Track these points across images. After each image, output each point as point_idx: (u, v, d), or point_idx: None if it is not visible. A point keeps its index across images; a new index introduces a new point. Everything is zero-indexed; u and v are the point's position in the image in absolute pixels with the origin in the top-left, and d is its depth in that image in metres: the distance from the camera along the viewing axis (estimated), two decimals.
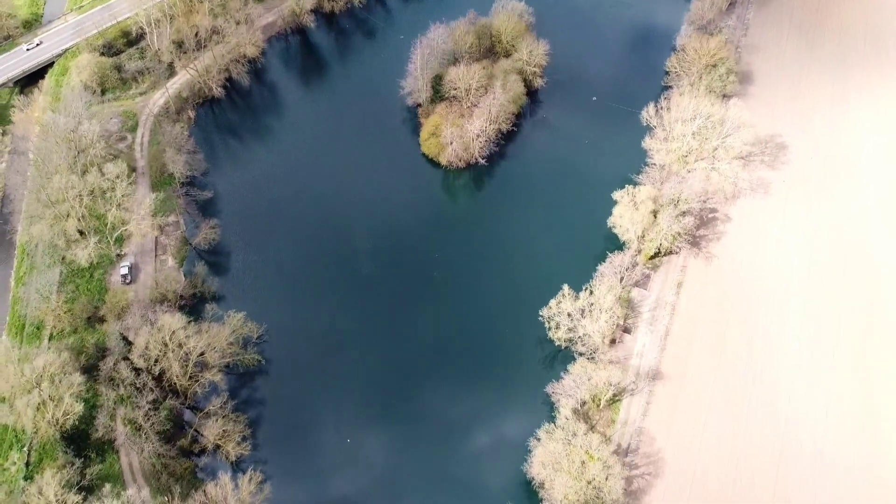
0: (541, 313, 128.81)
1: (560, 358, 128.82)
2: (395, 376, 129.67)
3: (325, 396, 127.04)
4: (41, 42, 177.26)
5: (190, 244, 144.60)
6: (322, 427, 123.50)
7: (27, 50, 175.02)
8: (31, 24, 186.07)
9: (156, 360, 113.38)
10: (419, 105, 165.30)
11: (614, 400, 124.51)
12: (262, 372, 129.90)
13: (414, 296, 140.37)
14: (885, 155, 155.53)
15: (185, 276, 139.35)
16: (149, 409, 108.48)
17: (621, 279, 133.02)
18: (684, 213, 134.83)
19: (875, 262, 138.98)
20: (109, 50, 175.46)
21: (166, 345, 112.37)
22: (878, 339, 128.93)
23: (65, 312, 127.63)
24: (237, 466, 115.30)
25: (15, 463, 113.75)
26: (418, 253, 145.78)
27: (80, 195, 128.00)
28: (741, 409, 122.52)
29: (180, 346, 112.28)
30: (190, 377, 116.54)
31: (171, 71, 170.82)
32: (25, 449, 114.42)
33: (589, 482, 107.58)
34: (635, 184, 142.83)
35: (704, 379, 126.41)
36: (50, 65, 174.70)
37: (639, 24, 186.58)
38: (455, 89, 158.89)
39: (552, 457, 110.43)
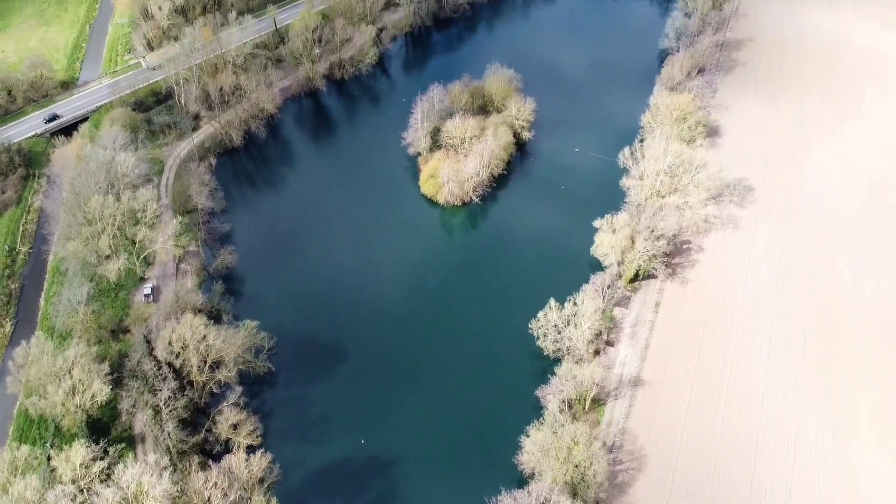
0: (530, 325, 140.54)
1: (550, 369, 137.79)
2: (396, 385, 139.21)
3: (334, 402, 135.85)
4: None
5: (208, 270, 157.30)
6: (332, 428, 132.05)
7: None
8: (68, 85, 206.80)
9: (177, 355, 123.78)
10: (419, 154, 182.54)
11: (599, 404, 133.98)
12: (272, 382, 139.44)
13: (414, 316, 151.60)
14: (841, 197, 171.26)
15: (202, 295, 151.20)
16: (169, 396, 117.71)
17: (603, 297, 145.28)
18: (659, 237, 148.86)
19: (836, 280, 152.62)
20: (140, 107, 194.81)
21: (185, 341, 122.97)
22: (840, 346, 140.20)
23: (92, 323, 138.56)
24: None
25: (37, 457, 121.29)
26: (418, 279, 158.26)
27: (114, 215, 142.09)
28: (717, 411, 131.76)
29: (201, 340, 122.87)
30: (207, 371, 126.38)
31: (195, 124, 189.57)
32: (48, 444, 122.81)
33: (576, 466, 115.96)
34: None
35: (682, 385, 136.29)
36: (84, 119, 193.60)
37: (616, 87, 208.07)
38: (451, 138, 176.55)
39: (541, 445, 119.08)
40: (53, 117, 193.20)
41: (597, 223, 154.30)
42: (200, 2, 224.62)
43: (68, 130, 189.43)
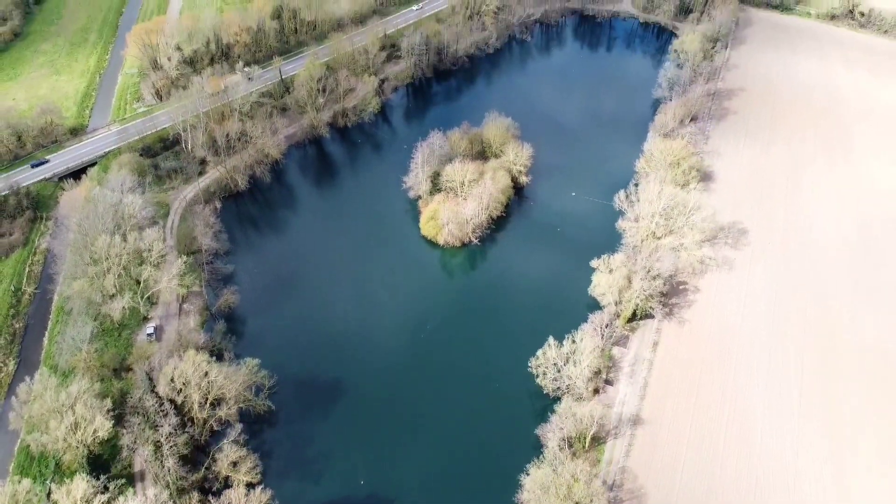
0: (530, 364, 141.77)
1: (550, 407, 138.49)
2: (395, 424, 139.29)
3: (333, 441, 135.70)
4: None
5: (210, 311, 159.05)
6: (331, 466, 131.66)
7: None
8: (77, 132, 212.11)
9: (179, 391, 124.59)
10: (419, 197, 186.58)
11: (599, 442, 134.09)
12: (272, 420, 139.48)
13: (414, 355, 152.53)
14: (834, 237, 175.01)
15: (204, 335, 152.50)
16: (170, 431, 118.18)
17: (602, 336, 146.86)
18: (655, 277, 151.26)
19: (831, 318, 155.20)
20: (147, 152, 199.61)
21: (187, 377, 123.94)
22: (838, 382, 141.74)
23: (94, 361, 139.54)
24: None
25: (37, 494, 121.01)
26: (418, 318, 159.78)
27: (120, 254, 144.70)
28: (716, 449, 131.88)
29: (203, 376, 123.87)
30: (208, 408, 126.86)
31: (202, 168, 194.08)
32: (48, 481, 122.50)
33: (577, 503, 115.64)
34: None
35: (681, 423, 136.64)
36: (93, 164, 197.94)
37: (611, 135, 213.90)
38: (451, 182, 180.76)
39: (541, 482, 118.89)
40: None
41: (594, 263, 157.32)
42: (208, 53, 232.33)
43: (77, 174, 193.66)
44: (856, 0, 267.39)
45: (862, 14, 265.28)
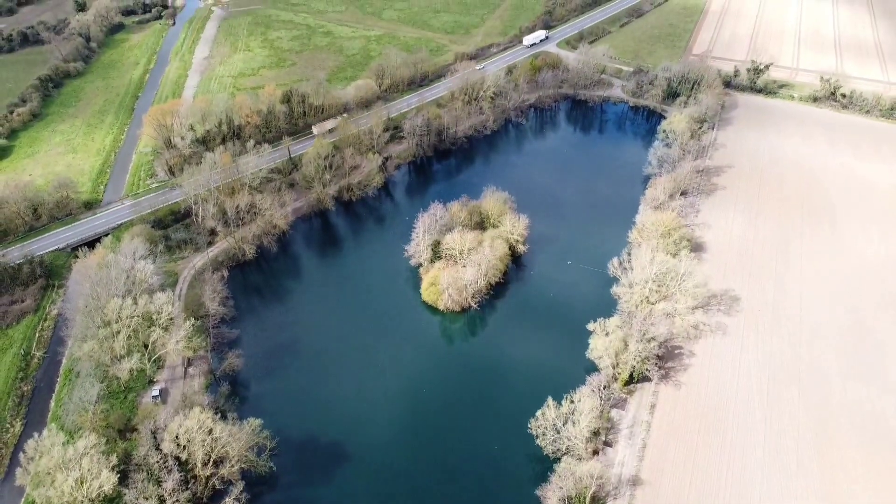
0: (529, 425, 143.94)
1: (550, 469, 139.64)
2: (396, 489, 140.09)
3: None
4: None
5: (214, 374, 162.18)
6: None
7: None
8: (91, 205, 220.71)
9: (183, 447, 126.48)
10: (420, 265, 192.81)
11: None
12: (273, 482, 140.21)
13: (414, 419, 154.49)
14: (823, 306, 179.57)
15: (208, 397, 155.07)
16: (173, 488, 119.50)
17: (600, 397, 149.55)
18: (650, 339, 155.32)
19: (825, 383, 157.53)
20: (159, 225, 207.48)
21: (192, 434, 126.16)
22: (834, 445, 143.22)
23: (100, 422, 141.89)
24: None
25: None
26: (419, 382, 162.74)
27: (131, 317, 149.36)
28: None
29: (208, 434, 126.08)
30: (211, 466, 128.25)
31: (211, 239, 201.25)
32: None
33: None
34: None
35: (680, 485, 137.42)
36: (105, 235, 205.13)
37: (604, 209, 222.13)
38: (451, 250, 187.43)
39: None
40: None
41: (590, 326, 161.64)
42: (220, 133, 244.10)
43: (91, 245, 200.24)
44: (837, 83, 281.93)
45: (843, 96, 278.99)
